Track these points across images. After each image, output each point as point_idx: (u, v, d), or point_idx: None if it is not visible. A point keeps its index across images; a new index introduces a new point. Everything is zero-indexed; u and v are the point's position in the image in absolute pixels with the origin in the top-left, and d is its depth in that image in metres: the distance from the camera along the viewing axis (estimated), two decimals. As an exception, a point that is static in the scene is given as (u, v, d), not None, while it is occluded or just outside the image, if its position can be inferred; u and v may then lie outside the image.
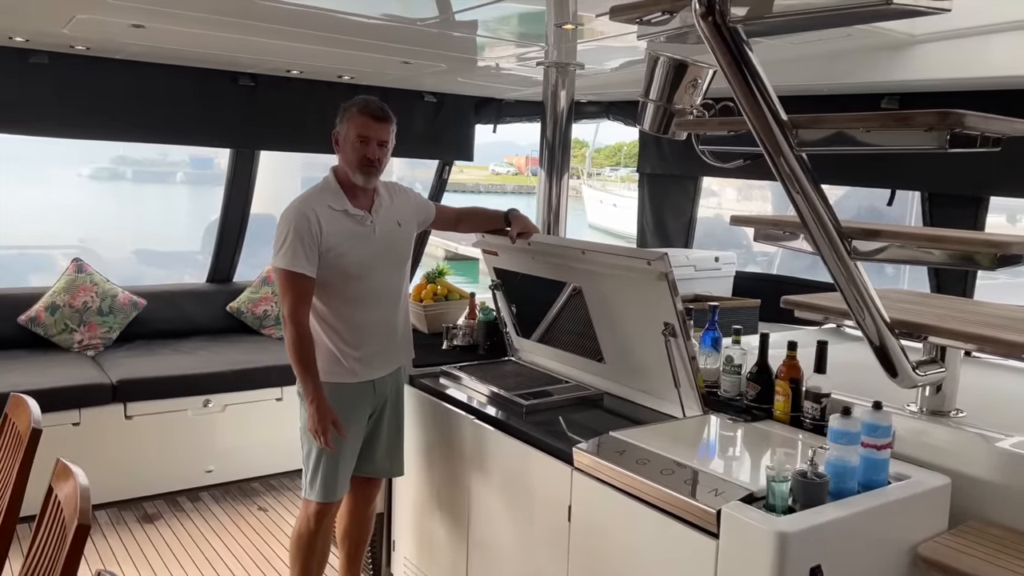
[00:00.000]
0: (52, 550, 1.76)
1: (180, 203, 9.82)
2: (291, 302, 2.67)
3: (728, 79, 1.89)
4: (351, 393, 2.82)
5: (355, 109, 2.74)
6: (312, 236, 2.67)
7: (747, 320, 3.71)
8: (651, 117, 2.63)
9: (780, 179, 1.97)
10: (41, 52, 4.13)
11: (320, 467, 2.80)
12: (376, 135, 2.74)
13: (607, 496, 2.21)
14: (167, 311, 4.99)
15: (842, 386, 2.40)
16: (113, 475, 4.07)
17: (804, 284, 4.47)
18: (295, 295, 2.68)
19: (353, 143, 2.73)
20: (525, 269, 3.10)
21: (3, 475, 2.28)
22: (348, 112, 2.76)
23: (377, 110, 2.75)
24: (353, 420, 2.83)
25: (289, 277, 2.67)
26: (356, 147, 2.73)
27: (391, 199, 2.90)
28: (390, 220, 2.87)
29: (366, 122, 2.73)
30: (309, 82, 4.88)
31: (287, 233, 2.67)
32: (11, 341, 4.47)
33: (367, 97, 2.79)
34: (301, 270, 2.66)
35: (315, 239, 2.67)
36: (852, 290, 2.03)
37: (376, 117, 2.74)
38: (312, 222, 2.67)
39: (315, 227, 2.67)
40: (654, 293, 2.49)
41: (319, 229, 2.68)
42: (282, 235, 2.69)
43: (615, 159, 35.53)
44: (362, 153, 2.73)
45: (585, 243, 2.83)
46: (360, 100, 2.77)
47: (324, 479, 2.80)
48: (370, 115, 2.73)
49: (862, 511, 1.92)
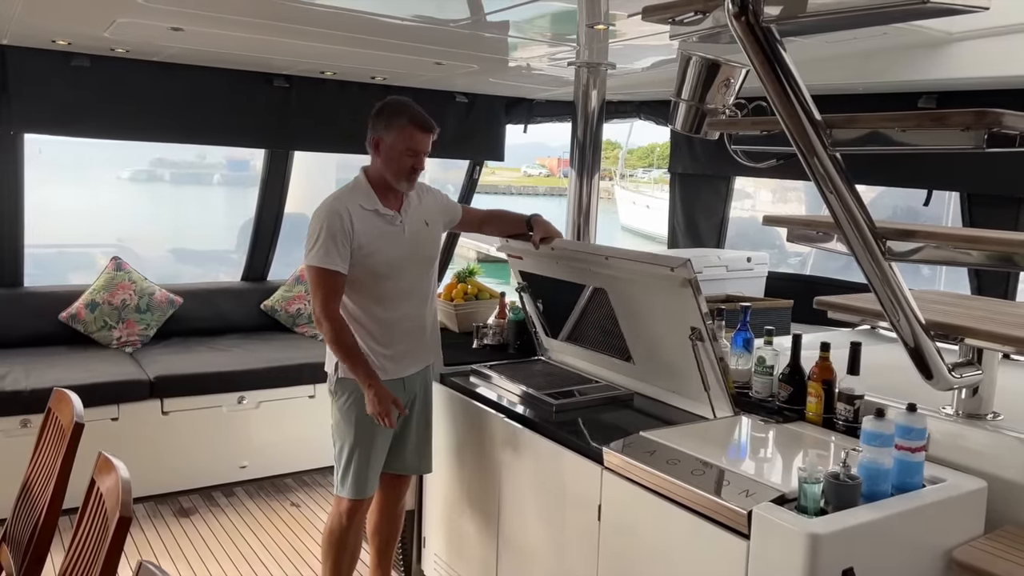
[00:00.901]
0: (94, 542, 1.80)
1: (217, 204, 9.96)
2: (323, 298, 2.69)
3: (761, 79, 1.88)
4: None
5: (406, 120, 2.73)
6: (344, 234, 2.69)
7: (779, 321, 3.69)
8: (683, 117, 2.63)
9: (813, 179, 1.95)
10: (83, 55, 4.22)
11: (352, 464, 2.83)
12: (425, 147, 2.78)
13: (637, 496, 2.21)
14: (203, 309, 5.08)
15: (876, 388, 2.37)
16: (150, 470, 4.15)
17: (838, 284, 4.43)
18: (327, 291, 2.70)
19: (402, 154, 2.74)
20: (550, 273, 3.11)
21: (47, 468, 2.34)
22: (396, 122, 2.74)
23: (427, 122, 2.77)
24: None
25: (321, 274, 2.69)
26: (405, 158, 2.75)
27: (419, 199, 2.93)
28: (419, 220, 2.90)
29: (417, 135, 2.74)
30: (342, 83, 4.93)
31: (320, 231, 2.69)
32: (52, 338, 4.57)
33: (412, 106, 2.78)
34: (334, 267, 2.69)
35: (347, 236, 2.70)
36: (886, 291, 2.01)
37: (426, 129, 2.76)
38: (344, 220, 2.70)
39: (347, 225, 2.70)
40: (679, 299, 2.49)
41: (351, 227, 2.71)
42: (314, 233, 2.71)
43: (648, 160, 35.37)
44: (411, 164, 2.76)
45: (608, 249, 2.83)
46: (408, 111, 2.76)
47: (356, 476, 2.83)
48: (421, 128, 2.75)
49: (895, 514, 1.90)
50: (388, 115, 2.77)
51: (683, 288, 2.46)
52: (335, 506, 2.94)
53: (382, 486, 3.00)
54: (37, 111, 4.26)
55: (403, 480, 3.12)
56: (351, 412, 2.82)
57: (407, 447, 3.00)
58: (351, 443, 2.82)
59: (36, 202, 4.55)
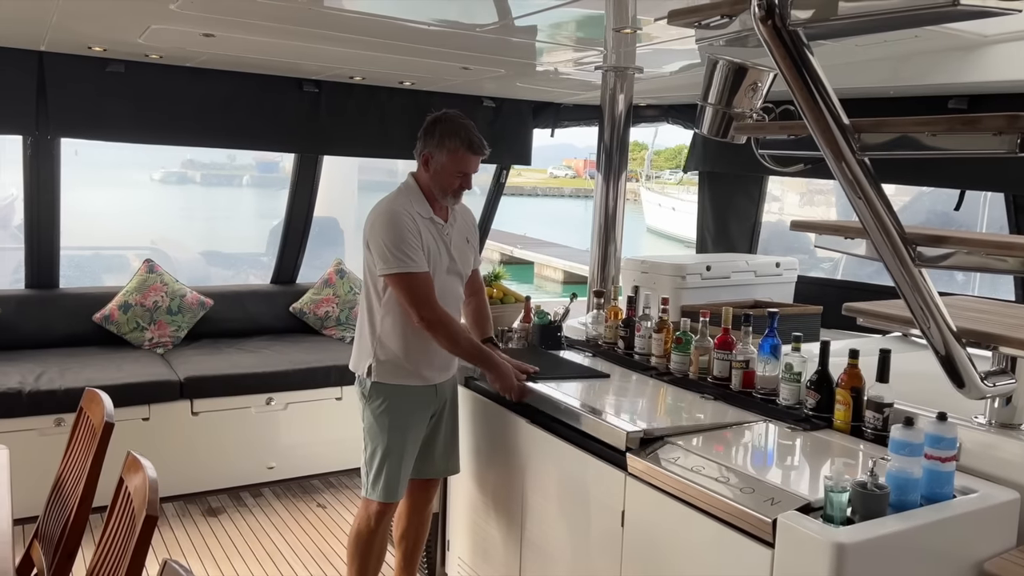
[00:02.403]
0: (122, 540, 1.83)
1: (246, 205, 10.10)
2: (425, 300, 2.69)
3: (788, 84, 1.86)
4: (416, 395, 2.87)
5: (459, 143, 2.74)
6: (415, 236, 2.72)
7: (808, 327, 3.64)
8: (710, 121, 2.61)
9: (842, 184, 1.93)
10: (118, 61, 4.30)
11: (384, 468, 2.84)
12: (475, 168, 2.82)
13: (661, 502, 2.20)
14: (233, 311, 5.14)
15: (906, 396, 2.34)
16: (180, 470, 4.21)
17: (869, 290, 4.37)
18: (426, 293, 2.70)
19: (452, 174, 2.77)
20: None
21: (78, 467, 2.39)
22: (449, 144, 2.75)
23: (481, 146, 2.79)
24: (416, 422, 2.89)
25: (414, 279, 2.69)
26: (454, 179, 2.78)
27: (461, 215, 2.97)
28: (461, 235, 2.95)
29: (469, 157, 2.77)
30: (371, 88, 4.97)
31: (393, 237, 2.68)
32: (86, 338, 4.66)
33: (466, 127, 2.78)
34: (422, 268, 2.70)
35: (418, 239, 2.73)
36: (916, 298, 1.98)
37: (480, 153, 2.79)
38: (411, 224, 2.72)
39: (415, 228, 2.73)
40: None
41: (417, 231, 2.73)
42: (389, 241, 2.69)
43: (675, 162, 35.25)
44: (459, 184, 2.80)
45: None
46: (461, 133, 2.76)
47: (387, 480, 2.84)
48: (475, 152, 2.77)
49: (924, 524, 1.87)
50: (441, 134, 2.77)
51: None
52: (363, 509, 2.94)
53: (410, 491, 3.02)
54: (73, 116, 4.35)
55: (431, 484, 3.13)
56: (385, 416, 2.83)
57: (436, 450, 3.02)
58: (384, 447, 2.83)
59: (72, 204, 4.64)
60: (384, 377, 2.82)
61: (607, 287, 3.83)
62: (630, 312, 3.37)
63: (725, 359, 2.82)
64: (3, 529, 2.04)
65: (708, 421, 2.62)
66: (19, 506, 2.35)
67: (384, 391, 2.83)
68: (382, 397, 2.83)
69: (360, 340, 2.92)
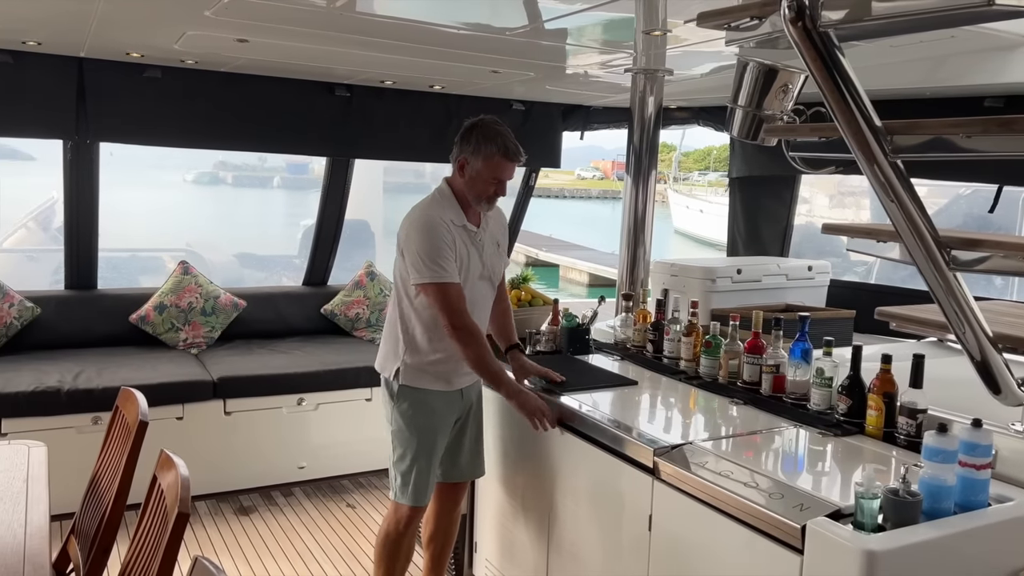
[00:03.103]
0: (155, 536, 1.87)
1: (277, 207, 10.22)
2: (457, 310, 2.70)
3: (819, 85, 1.85)
4: (442, 400, 2.88)
5: (496, 150, 2.74)
6: (449, 246, 2.72)
7: (841, 332, 3.59)
8: (740, 123, 2.59)
9: (874, 187, 1.91)
10: (155, 67, 4.39)
11: (413, 471, 2.85)
12: (511, 175, 2.82)
13: (689, 507, 2.19)
14: (265, 312, 5.21)
15: (940, 402, 2.29)
16: (212, 468, 4.27)
17: (903, 294, 4.30)
18: (458, 303, 2.71)
19: (488, 180, 2.78)
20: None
21: (113, 464, 2.44)
22: (486, 149, 2.75)
23: (517, 152, 2.78)
24: (443, 426, 2.90)
25: (447, 289, 2.70)
26: (489, 185, 2.79)
27: (493, 219, 2.97)
28: (492, 239, 2.94)
29: (505, 164, 2.78)
30: (402, 92, 5.01)
31: (428, 247, 2.69)
32: (122, 338, 4.75)
33: (504, 133, 2.78)
34: (454, 279, 2.72)
35: (452, 248, 2.73)
36: (951, 302, 1.95)
37: (516, 160, 2.79)
38: (446, 233, 2.73)
39: (449, 238, 2.74)
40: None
41: (452, 240, 2.74)
42: (423, 251, 2.69)
43: (704, 163, 35.05)
44: (494, 190, 2.81)
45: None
46: (499, 139, 2.75)
47: (416, 483, 2.86)
48: (512, 160, 2.77)
49: (958, 532, 1.83)
50: (478, 139, 2.76)
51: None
52: (392, 512, 2.95)
53: (438, 494, 3.04)
54: (112, 121, 4.44)
55: (459, 488, 3.13)
56: (414, 420, 2.85)
57: (463, 454, 3.03)
58: (414, 451, 2.84)
59: (108, 205, 4.74)
60: (411, 380, 2.84)
61: (636, 290, 3.81)
62: (659, 315, 3.35)
63: (755, 363, 2.80)
64: (41, 524, 2.09)
65: (737, 426, 2.60)
66: (57, 502, 2.40)
67: (411, 394, 2.85)
68: (409, 400, 2.85)
69: (388, 343, 2.93)
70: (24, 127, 4.39)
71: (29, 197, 6.72)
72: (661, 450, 2.32)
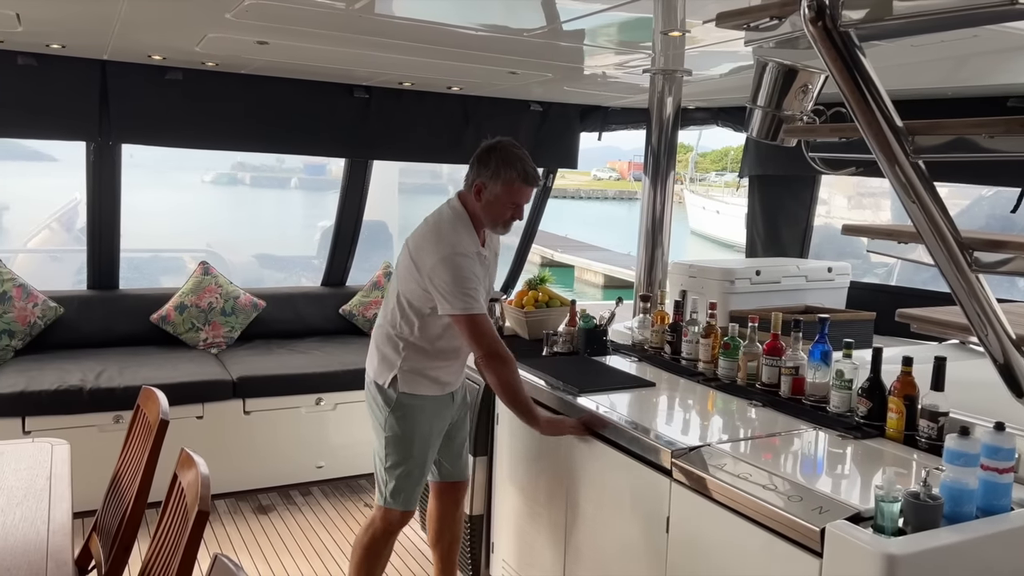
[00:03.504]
0: (175, 534, 1.89)
1: (295, 208, 10.29)
2: (490, 337, 2.68)
3: (839, 86, 1.83)
4: (438, 405, 2.89)
5: (516, 175, 2.71)
6: (477, 277, 2.69)
7: (861, 334, 3.57)
8: (759, 123, 2.58)
9: (895, 188, 1.89)
10: (176, 69, 4.43)
11: (409, 478, 2.84)
12: (529, 199, 2.81)
13: (706, 509, 2.18)
14: (284, 312, 5.24)
15: (962, 405, 2.27)
16: (231, 467, 4.30)
17: (925, 296, 4.26)
18: (491, 329, 2.70)
19: (505, 205, 2.74)
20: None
21: (134, 462, 2.46)
22: (505, 175, 2.70)
23: (536, 177, 2.78)
24: (438, 431, 2.92)
25: (478, 320, 2.65)
26: (507, 209, 2.75)
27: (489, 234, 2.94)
28: (492, 252, 2.94)
29: (527, 190, 2.76)
30: (420, 93, 5.03)
31: (463, 281, 2.64)
32: (144, 338, 4.80)
33: (523, 158, 2.75)
34: (483, 309, 2.69)
35: (478, 279, 2.70)
36: (973, 304, 1.92)
37: (535, 184, 2.78)
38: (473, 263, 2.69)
39: (477, 269, 2.70)
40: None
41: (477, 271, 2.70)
42: (457, 283, 2.63)
43: (721, 164, 34.90)
44: (512, 215, 2.78)
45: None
46: (518, 165, 2.72)
47: (409, 490, 2.85)
48: (530, 184, 2.75)
49: (980, 537, 1.81)
50: (497, 164, 2.72)
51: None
52: (380, 517, 2.89)
53: (439, 494, 3.05)
54: (134, 122, 4.49)
55: (459, 486, 3.14)
56: (412, 427, 2.83)
57: (462, 452, 3.05)
58: (410, 458, 2.83)
59: (129, 205, 4.79)
60: (409, 387, 2.82)
61: (654, 291, 3.80)
62: (677, 317, 3.34)
63: (774, 365, 2.78)
64: (64, 522, 2.11)
65: (756, 428, 2.59)
66: (79, 500, 2.43)
67: (409, 401, 2.82)
68: (406, 408, 2.82)
69: (383, 350, 2.88)
70: (49, 129, 4.45)
71: (51, 198, 6.81)
72: (679, 452, 2.32)
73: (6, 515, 2.13)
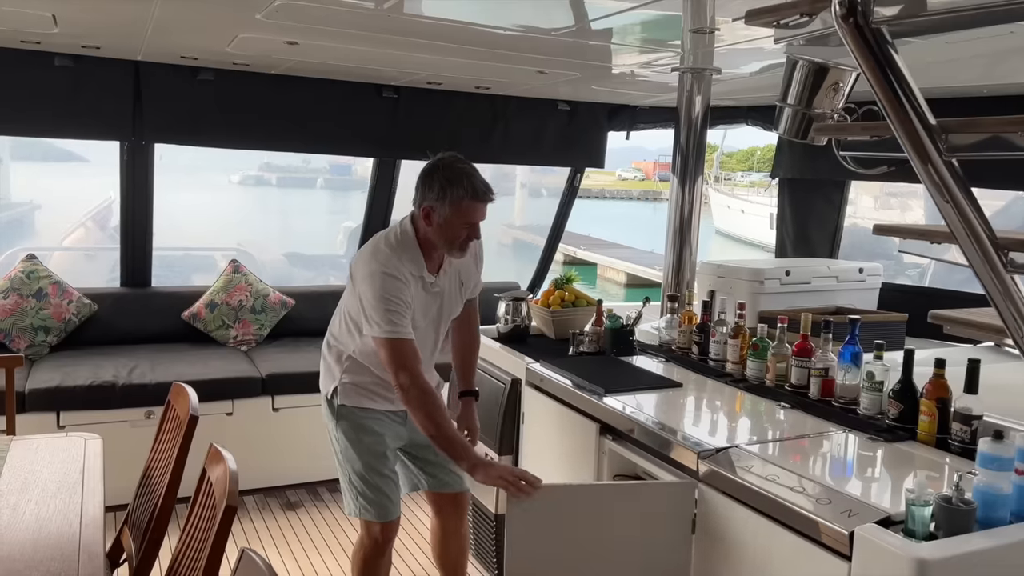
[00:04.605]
0: (204, 528, 1.91)
1: (321, 207, 10.38)
2: (410, 367, 2.48)
3: (870, 84, 1.81)
4: (385, 419, 2.79)
5: (464, 194, 2.51)
6: (405, 303, 2.53)
7: (892, 335, 3.51)
8: (788, 122, 2.55)
9: (928, 187, 1.86)
10: (208, 69, 4.48)
11: (369, 490, 2.74)
12: (483, 216, 2.59)
13: (733, 511, 2.16)
14: (313, 311, 5.26)
15: (997, 408, 2.23)
16: (260, 464, 4.34)
17: (960, 298, 4.18)
18: (411, 358, 2.50)
19: (458, 227, 2.55)
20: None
21: (164, 458, 2.50)
22: (453, 194, 2.51)
23: (487, 192, 2.56)
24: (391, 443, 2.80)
25: (397, 345, 2.49)
26: (460, 230, 2.56)
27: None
28: (454, 279, 2.77)
29: (478, 207, 2.55)
30: (448, 93, 5.04)
31: (386, 305, 2.49)
32: (175, 335, 4.87)
33: (469, 173, 2.55)
34: (407, 335, 2.51)
35: (406, 304, 2.54)
36: (1008, 306, 1.89)
37: (487, 200, 2.56)
38: (404, 289, 2.53)
39: (406, 294, 2.54)
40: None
41: (408, 296, 2.55)
42: (379, 307, 2.50)
43: (747, 164, 34.62)
44: (467, 235, 2.58)
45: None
46: (465, 181, 2.52)
47: (376, 500, 2.74)
48: (482, 200, 2.55)
49: (1014, 543, 1.78)
50: (442, 184, 2.53)
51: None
52: (365, 533, 2.81)
53: (438, 509, 2.94)
54: (167, 122, 4.55)
55: (456, 499, 2.96)
56: (357, 436, 2.75)
57: (439, 463, 2.88)
58: (362, 469, 2.73)
59: (160, 205, 4.87)
60: (351, 400, 2.75)
61: (682, 291, 3.78)
62: (705, 317, 3.32)
63: (803, 366, 2.75)
64: (96, 515, 2.15)
65: (784, 430, 2.56)
66: (111, 494, 2.47)
67: (349, 415, 2.76)
68: (349, 420, 2.76)
69: (327, 360, 2.85)
70: (84, 129, 4.53)
71: (82, 198, 6.94)
72: (706, 453, 2.30)
73: (40, 508, 2.17)
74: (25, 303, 4.52)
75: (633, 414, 2.67)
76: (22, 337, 4.49)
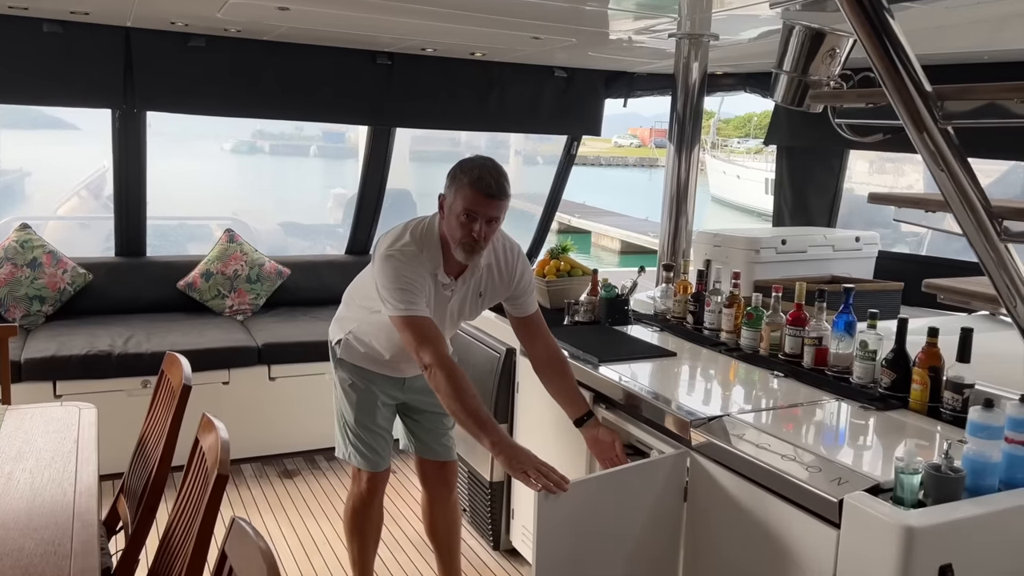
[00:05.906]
0: (196, 496, 1.92)
1: (314, 175, 10.32)
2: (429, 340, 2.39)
3: (866, 49, 1.78)
4: (378, 379, 2.85)
5: (466, 181, 2.40)
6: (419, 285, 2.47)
7: (888, 304, 3.52)
8: (784, 89, 2.53)
9: (923, 155, 1.84)
10: (199, 36, 4.42)
11: (358, 439, 2.82)
12: (485, 212, 2.42)
13: (725, 478, 2.17)
14: (309, 280, 5.27)
15: (989, 377, 2.23)
16: (257, 432, 4.37)
17: (956, 266, 4.17)
18: (433, 334, 2.43)
19: (458, 217, 2.41)
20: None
21: (159, 427, 2.50)
22: (458, 181, 2.43)
23: (490, 186, 2.40)
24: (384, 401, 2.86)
25: (414, 321, 2.42)
26: (461, 222, 2.42)
27: (490, 271, 2.66)
28: (473, 290, 2.67)
29: (477, 198, 2.39)
30: (443, 60, 4.98)
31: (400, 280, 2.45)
32: (170, 304, 4.87)
33: (484, 164, 2.45)
34: (423, 313, 2.44)
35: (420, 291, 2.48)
36: (1002, 275, 1.88)
37: (489, 194, 2.40)
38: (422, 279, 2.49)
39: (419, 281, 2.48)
40: None
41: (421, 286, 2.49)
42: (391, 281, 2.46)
43: (743, 130, 34.45)
44: (467, 229, 2.42)
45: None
46: (475, 171, 2.42)
47: (364, 451, 2.82)
48: (482, 191, 2.39)
49: (1002, 510, 1.79)
50: (455, 172, 2.46)
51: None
52: (355, 484, 2.89)
53: (426, 479, 2.99)
54: (158, 90, 4.50)
55: (444, 468, 2.99)
56: (352, 389, 2.84)
57: (427, 428, 2.95)
58: (355, 419, 2.82)
59: (154, 174, 4.83)
60: (350, 357, 2.82)
61: (677, 260, 3.77)
62: (700, 286, 3.31)
63: (797, 336, 2.75)
64: (89, 483, 2.16)
65: (777, 399, 2.57)
66: (107, 463, 2.48)
67: (345, 368, 2.85)
68: (346, 371, 2.85)
69: (344, 311, 2.91)
70: (74, 97, 4.48)
71: (73, 166, 6.89)
72: (698, 421, 2.31)
73: (35, 476, 2.18)
74: (20, 272, 4.51)
75: (627, 383, 2.67)
76: (17, 307, 4.49)
